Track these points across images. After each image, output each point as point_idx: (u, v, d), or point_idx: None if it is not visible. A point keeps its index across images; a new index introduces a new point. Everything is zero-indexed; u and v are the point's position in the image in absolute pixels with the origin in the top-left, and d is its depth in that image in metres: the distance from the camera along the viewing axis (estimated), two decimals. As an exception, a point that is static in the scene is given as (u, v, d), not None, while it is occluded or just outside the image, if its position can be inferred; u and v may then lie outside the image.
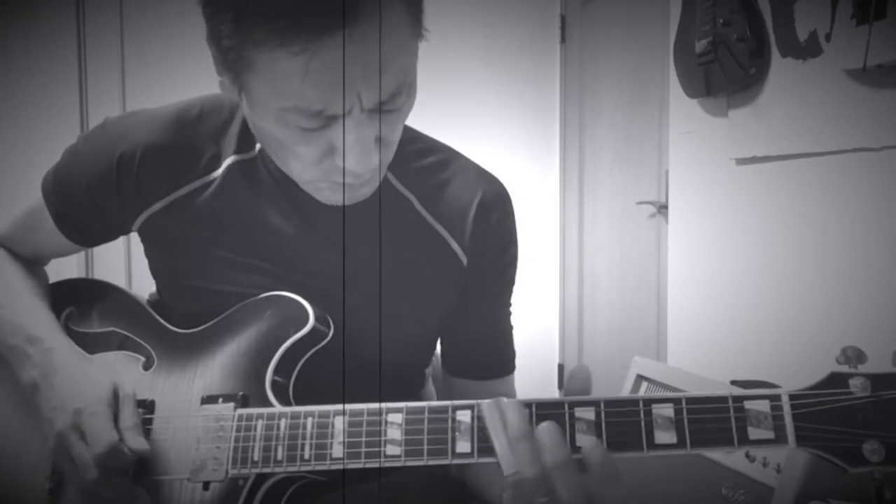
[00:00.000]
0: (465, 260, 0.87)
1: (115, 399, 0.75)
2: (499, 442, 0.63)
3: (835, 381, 0.62)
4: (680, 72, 2.34)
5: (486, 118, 3.35)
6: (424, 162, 0.88)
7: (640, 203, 2.88)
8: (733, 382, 1.77)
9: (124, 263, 2.84)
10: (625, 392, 1.74)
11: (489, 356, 0.94)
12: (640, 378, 1.70)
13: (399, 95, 0.69)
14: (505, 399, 0.65)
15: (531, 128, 3.46)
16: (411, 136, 0.90)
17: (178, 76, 2.66)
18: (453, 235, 0.87)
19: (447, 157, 0.90)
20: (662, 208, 2.75)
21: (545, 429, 0.62)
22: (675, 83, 2.40)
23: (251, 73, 0.66)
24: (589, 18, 3.26)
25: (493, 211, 0.88)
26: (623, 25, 3.03)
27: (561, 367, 3.54)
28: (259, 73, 0.66)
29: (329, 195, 0.77)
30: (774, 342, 2.13)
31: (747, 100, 2.17)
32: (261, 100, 0.69)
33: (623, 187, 3.04)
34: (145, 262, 0.90)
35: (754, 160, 2.19)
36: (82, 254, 2.80)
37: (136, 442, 0.73)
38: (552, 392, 3.54)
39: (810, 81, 1.95)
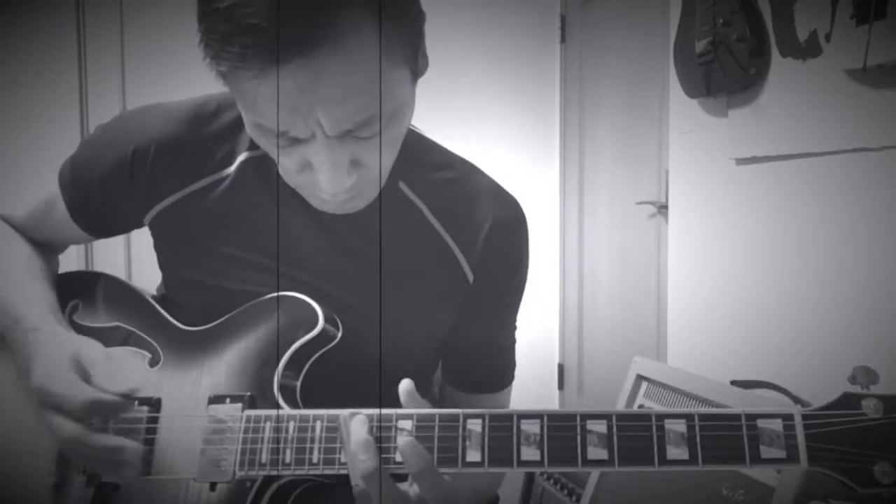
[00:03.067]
0: (471, 277, 0.87)
1: (77, 363, 0.74)
2: (345, 455, 0.66)
3: (847, 401, 0.62)
4: (680, 72, 2.35)
5: (486, 118, 3.35)
6: (439, 175, 0.88)
7: (640, 203, 2.88)
8: (733, 383, 1.77)
9: (124, 261, 2.84)
10: (624, 392, 1.74)
11: (483, 372, 0.94)
12: (640, 378, 1.70)
13: (371, 124, 0.68)
14: (348, 413, 0.67)
15: (531, 128, 3.46)
16: (428, 148, 0.89)
17: (178, 76, 2.66)
18: (462, 250, 0.86)
19: (465, 173, 0.89)
20: (662, 208, 2.76)
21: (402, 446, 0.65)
22: (675, 83, 2.41)
23: (227, 83, 0.68)
24: (589, 18, 3.26)
25: (506, 234, 0.87)
26: (623, 25, 3.03)
27: (561, 367, 3.54)
28: (230, 86, 0.67)
29: (318, 202, 0.78)
30: (774, 342, 2.13)
31: (747, 100, 2.17)
32: (240, 109, 0.70)
33: (623, 187, 3.04)
34: (146, 258, 0.91)
35: (754, 160, 2.19)
36: (81, 249, 2.80)
37: (119, 386, 0.72)
38: (552, 392, 3.54)
39: (810, 81, 1.95)
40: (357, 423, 0.66)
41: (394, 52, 0.67)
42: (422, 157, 0.87)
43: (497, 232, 0.86)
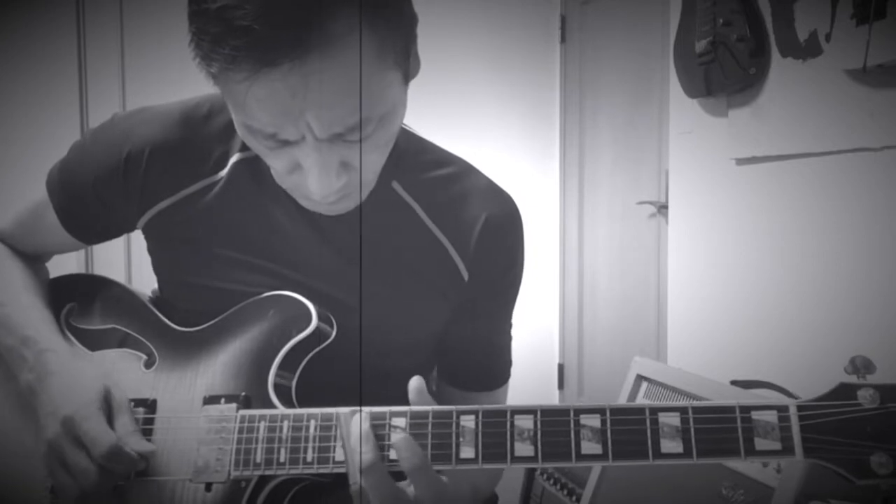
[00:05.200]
0: (466, 275, 0.86)
1: (107, 402, 0.74)
2: (344, 451, 0.67)
3: (843, 392, 0.61)
4: (680, 72, 2.35)
5: (486, 118, 3.35)
6: (434, 174, 0.87)
7: (640, 203, 2.88)
8: (733, 382, 1.77)
9: (124, 261, 2.83)
10: (624, 392, 1.74)
11: (479, 370, 0.93)
12: (640, 378, 1.69)
13: (362, 127, 0.68)
14: (348, 411, 0.67)
15: (531, 128, 3.46)
16: (422, 147, 0.89)
17: (178, 76, 2.66)
18: (457, 249, 0.86)
19: (459, 171, 0.89)
20: (662, 208, 2.76)
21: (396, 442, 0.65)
22: (675, 83, 2.41)
23: (217, 84, 0.67)
24: (589, 18, 3.27)
25: (499, 231, 0.87)
26: (623, 25, 3.03)
27: (561, 367, 3.54)
28: (220, 87, 0.67)
29: (308, 203, 0.78)
30: (774, 342, 2.13)
31: (747, 100, 2.17)
32: (230, 110, 0.70)
33: (623, 187, 3.04)
34: (146, 259, 0.90)
35: (754, 160, 2.19)
36: (82, 251, 2.80)
37: (140, 445, 0.72)
38: (552, 391, 3.54)
39: (810, 81, 1.95)
40: (358, 419, 0.66)
41: (386, 54, 0.66)
42: (415, 157, 0.87)
43: (490, 229, 0.86)
